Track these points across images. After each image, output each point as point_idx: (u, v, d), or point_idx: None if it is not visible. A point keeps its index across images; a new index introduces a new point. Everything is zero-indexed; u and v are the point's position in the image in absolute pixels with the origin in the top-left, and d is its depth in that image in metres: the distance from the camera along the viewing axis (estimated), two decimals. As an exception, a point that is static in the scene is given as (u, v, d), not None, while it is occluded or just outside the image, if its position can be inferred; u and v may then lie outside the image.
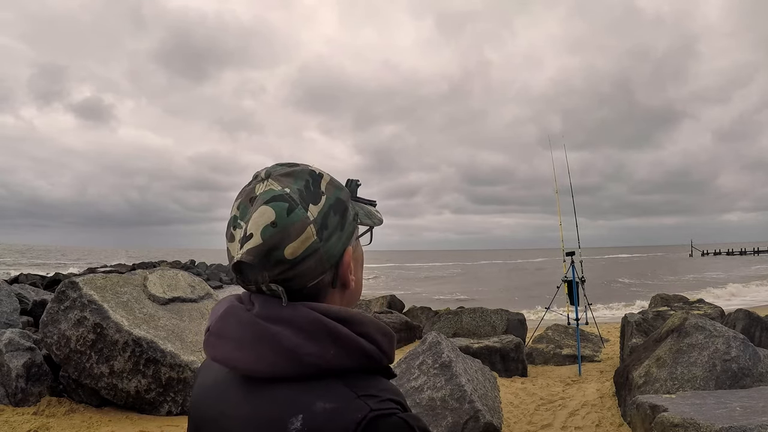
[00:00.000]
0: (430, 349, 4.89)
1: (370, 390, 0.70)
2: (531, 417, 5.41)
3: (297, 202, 0.73)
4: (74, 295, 5.09)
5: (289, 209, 0.72)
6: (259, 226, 0.72)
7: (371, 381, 0.72)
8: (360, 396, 0.68)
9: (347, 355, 0.71)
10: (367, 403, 0.67)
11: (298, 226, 0.72)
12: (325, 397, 0.68)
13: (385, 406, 0.68)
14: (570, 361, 8.42)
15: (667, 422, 3.25)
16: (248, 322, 0.73)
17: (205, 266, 40.64)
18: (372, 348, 0.73)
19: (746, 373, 4.60)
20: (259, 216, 0.72)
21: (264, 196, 0.74)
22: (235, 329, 0.73)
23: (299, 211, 0.73)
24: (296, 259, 0.72)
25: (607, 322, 13.89)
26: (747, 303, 18.13)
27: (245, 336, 0.72)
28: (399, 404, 0.70)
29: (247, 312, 0.74)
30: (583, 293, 8.33)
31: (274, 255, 0.72)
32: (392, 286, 34.24)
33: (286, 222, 0.72)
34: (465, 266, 70.51)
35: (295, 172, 0.77)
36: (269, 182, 0.75)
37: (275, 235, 0.71)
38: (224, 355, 0.74)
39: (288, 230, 0.72)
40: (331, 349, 0.70)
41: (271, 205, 0.72)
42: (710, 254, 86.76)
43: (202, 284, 6.50)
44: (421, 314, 12.49)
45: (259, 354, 0.70)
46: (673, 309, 9.20)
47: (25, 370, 5.02)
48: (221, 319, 0.76)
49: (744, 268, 44.08)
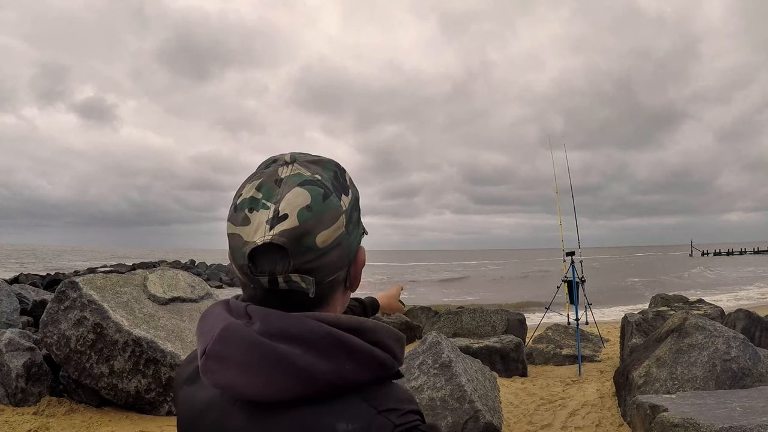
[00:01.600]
0: (430, 349, 4.89)
1: (390, 403, 0.66)
2: (531, 417, 5.42)
3: (331, 189, 0.70)
4: (74, 295, 5.09)
5: (324, 195, 0.68)
6: (295, 207, 0.66)
7: (387, 391, 0.68)
8: (381, 412, 0.64)
9: (363, 368, 0.66)
10: (389, 419, 0.64)
11: (333, 213, 0.68)
12: (346, 416, 0.63)
13: (407, 419, 0.65)
14: (570, 361, 8.42)
15: (667, 422, 3.25)
16: (252, 342, 0.64)
17: (205, 266, 40.65)
18: (386, 356, 0.69)
19: (746, 373, 4.60)
20: (295, 197, 0.67)
21: (295, 179, 0.68)
22: (237, 351, 0.65)
23: (334, 199, 0.69)
24: (325, 249, 0.68)
25: (607, 322, 13.90)
26: (747, 303, 18.13)
27: (251, 359, 0.64)
28: (419, 414, 0.67)
29: (248, 329, 0.66)
30: (583, 293, 8.34)
31: (306, 240, 0.66)
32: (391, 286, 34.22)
33: (322, 207, 0.67)
34: (464, 267, 70.52)
35: (322, 161, 0.73)
36: (295, 166, 0.70)
37: (310, 220, 0.66)
38: (228, 381, 0.65)
39: (323, 216, 0.67)
40: (346, 364, 0.65)
41: (307, 188, 0.68)
42: (710, 254, 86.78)
43: (202, 284, 6.50)
44: (421, 314, 12.49)
45: (268, 378, 0.63)
46: (673, 309, 9.20)
47: (25, 370, 5.02)
48: (220, 341, 0.66)
49: (744, 268, 44.07)
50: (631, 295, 24.53)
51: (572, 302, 8.13)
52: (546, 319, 9.94)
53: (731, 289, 26.89)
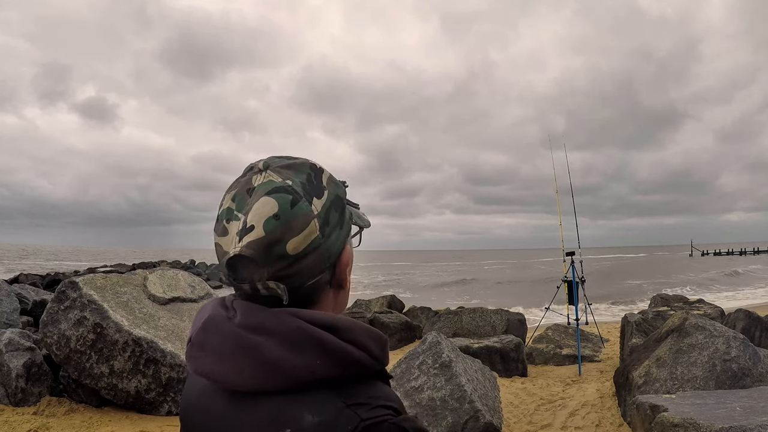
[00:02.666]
0: (430, 349, 4.89)
1: (360, 398, 0.66)
2: (531, 417, 5.42)
3: (301, 194, 0.70)
4: (74, 295, 5.09)
5: (292, 201, 0.69)
6: (261, 217, 0.67)
7: (363, 388, 0.68)
8: (349, 405, 0.65)
9: (336, 365, 0.67)
10: (357, 413, 0.64)
11: (302, 219, 0.69)
12: (314, 409, 0.64)
13: (375, 413, 0.65)
14: (570, 361, 8.42)
15: (667, 422, 3.25)
16: (229, 332, 0.68)
17: (205, 266, 40.65)
18: (362, 354, 0.69)
19: (746, 373, 4.60)
20: (261, 207, 0.68)
21: (265, 187, 0.70)
22: (216, 340, 0.69)
23: (303, 204, 0.69)
24: (298, 255, 0.69)
25: (607, 322, 13.90)
26: (747, 303, 18.13)
27: (226, 348, 0.68)
28: (391, 409, 0.67)
29: (229, 321, 0.69)
30: (583, 293, 8.33)
31: (276, 249, 0.67)
32: (392, 286, 34.23)
33: (290, 215, 0.68)
34: (464, 267, 70.52)
35: (295, 165, 0.73)
36: (268, 173, 0.71)
37: (278, 228, 0.67)
38: (206, 368, 0.69)
39: (291, 224, 0.68)
40: (317, 360, 0.66)
41: (274, 196, 0.69)
42: (710, 254, 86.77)
43: (202, 284, 6.50)
44: (421, 314, 12.49)
45: (241, 367, 0.66)
46: (673, 309, 9.20)
47: (25, 370, 5.02)
48: (203, 330, 0.71)
49: (744, 268, 44.08)
50: (631, 295, 24.53)
51: (572, 302, 8.13)
52: (546, 319, 9.94)
53: (731, 289, 26.89)
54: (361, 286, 34.21)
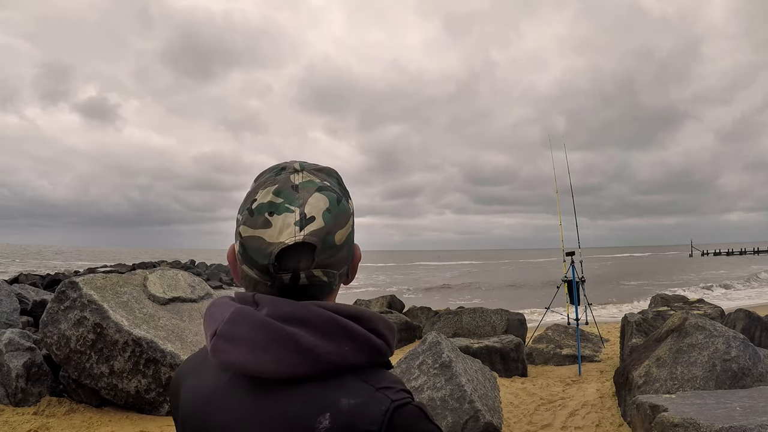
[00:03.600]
0: (430, 349, 4.89)
1: (385, 383, 0.72)
2: (531, 417, 5.42)
3: (341, 194, 0.80)
4: (74, 295, 5.09)
5: (338, 199, 0.78)
6: (319, 210, 0.75)
7: (381, 374, 0.74)
8: (378, 389, 0.71)
9: (361, 351, 0.73)
10: (387, 395, 0.70)
11: (346, 215, 0.79)
12: (348, 392, 0.70)
13: (401, 396, 0.71)
14: (570, 361, 8.42)
15: (667, 422, 3.25)
16: (261, 323, 0.71)
17: (205, 266, 40.62)
18: (381, 343, 0.76)
19: (746, 373, 4.60)
20: (317, 201, 0.76)
21: (311, 185, 0.78)
22: (247, 332, 0.72)
23: (344, 203, 0.79)
24: (341, 245, 0.77)
25: (607, 322, 13.89)
26: (747, 303, 18.12)
27: (259, 338, 0.71)
28: (409, 392, 0.73)
29: (257, 313, 0.73)
30: (583, 293, 8.33)
31: (329, 239, 0.75)
32: (392, 286, 34.23)
33: (338, 210, 0.77)
34: (464, 267, 70.51)
35: (325, 169, 0.83)
36: (305, 174, 0.79)
37: (331, 221, 0.76)
38: (237, 358, 0.72)
39: (339, 217, 0.77)
40: (346, 346, 0.72)
41: (324, 193, 0.77)
42: (710, 254, 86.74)
43: (202, 284, 6.50)
44: (421, 314, 12.48)
45: (277, 356, 0.70)
46: (673, 309, 9.20)
47: (25, 370, 5.02)
48: (230, 322, 0.74)
49: (744, 268, 44.07)
50: (631, 295, 24.52)
51: (572, 302, 8.13)
52: (546, 319, 9.94)
53: (731, 289, 26.89)
54: (362, 286, 34.20)
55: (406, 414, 0.69)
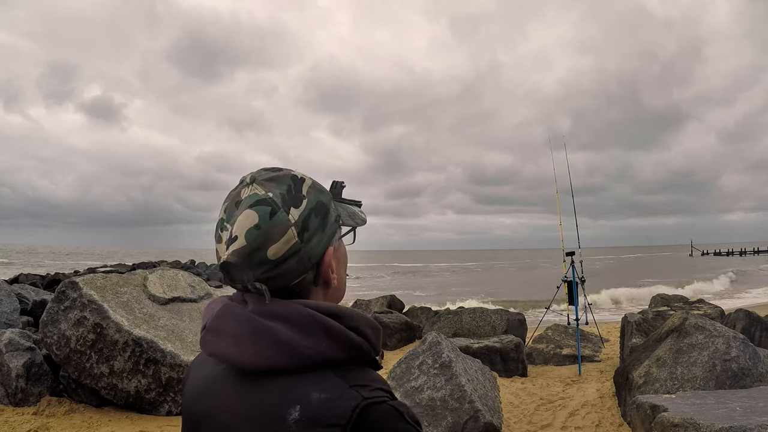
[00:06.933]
0: (430, 349, 4.89)
1: (361, 380, 0.74)
2: (531, 417, 5.41)
3: (279, 205, 0.78)
4: (74, 295, 5.09)
5: (271, 213, 0.77)
6: (243, 228, 0.77)
7: (361, 372, 0.76)
8: (352, 386, 0.72)
9: (339, 348, 0.75)
10: (359, 392, 0.71)
11: (280, 228, 0.77)
12: (320, 387, 0.72)
13: (375, 394, 0.72)
14: (570, 361, 8.41)
15: (667, 422, 3.25)
16: (245, 318, 0.77)
17: (205, 266, 40.58)
18: (361, 340, 0.77)
19: (746, 373, 4.59)
20: (244, 219, 0.77)
21: (248, 200, 0.79)
22: (231, 326, 0.77)
23: (281, 215, 0.78)
24: (278, 260, 0.77)
25: (607, 322, 13.88)
26: (747, 303, 18.12)
27: (242, 331, 0.76)
28: (388, 393, 0.75)
29: (243, 309, 0.78)
30: (583, 293, 8.33)
31: (258, 256, 0.77)
32: (392, 286, 34.23)
33: (269, 225, 0.77)
34: (464, 267, 70.49)
35: (278, 177, 0.82)
36: (254, 187, 0.80)
37: (258, 238, 0.76)
38: (221, 350, 0.77)
39: (270, 233, 0.77)
40: (323, 342, 0.74)
41: (255, 208, 0.77)
42: (710, 254, 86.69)
43: (202, 284, 6.50)
44: (421, 314, 12.48)
45: (256, 348, 0.74)
46: (673, 309, 9.20)
47: (25, 370, 5.02)
48: (218, 317, 0.80)
49: (744, 268, 44.05)
50: (631, 295, 24.50)
51: (572, 302, 8.13)
52: (546, 318, 9.93)
53: (731, 289, 26.88)
54: (362, 287, 34.19)
55: (377, 413, 0.70)
